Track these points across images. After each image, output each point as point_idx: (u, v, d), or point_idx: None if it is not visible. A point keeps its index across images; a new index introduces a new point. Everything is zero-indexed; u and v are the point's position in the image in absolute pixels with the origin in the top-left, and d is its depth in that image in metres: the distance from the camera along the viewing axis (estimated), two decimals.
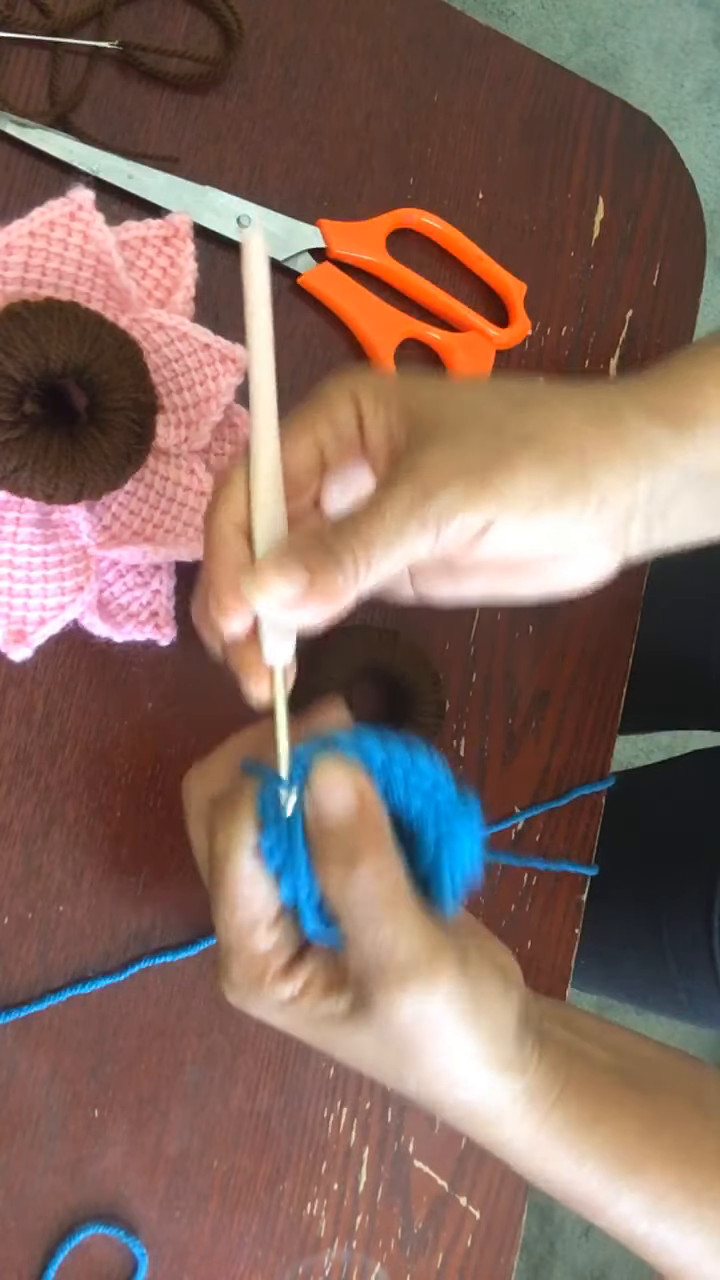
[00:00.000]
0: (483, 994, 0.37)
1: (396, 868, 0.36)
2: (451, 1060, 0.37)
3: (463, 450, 0.36)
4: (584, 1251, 1.52)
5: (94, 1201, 0.47)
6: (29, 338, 0.42)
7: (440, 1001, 0.35)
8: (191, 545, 0.45)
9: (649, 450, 0.39)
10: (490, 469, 0.36)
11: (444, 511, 0.35)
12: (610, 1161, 0.39)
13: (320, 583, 0.35)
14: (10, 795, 0.47)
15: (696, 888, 0.68)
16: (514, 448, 0.36)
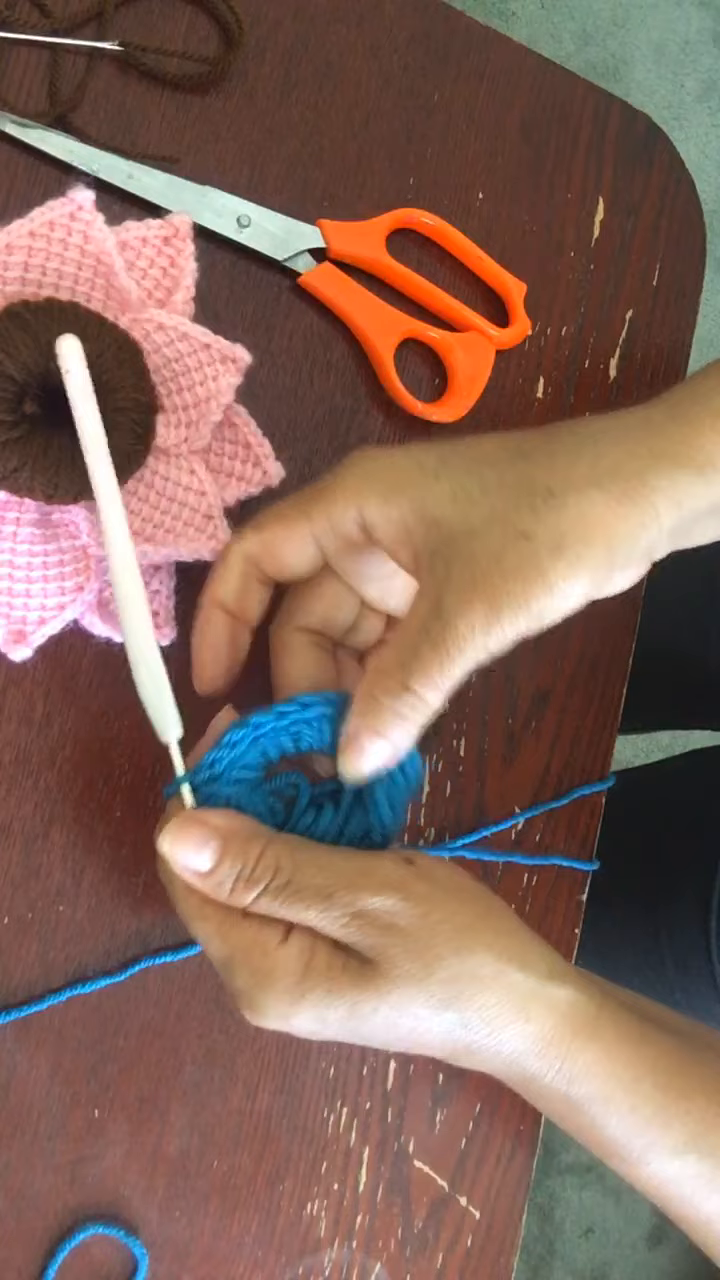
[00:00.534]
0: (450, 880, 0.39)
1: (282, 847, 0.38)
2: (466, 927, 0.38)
3: (495, 571, 0.36)
4: (584, 1251, 1.52)
5: (94, 1201, 0.47)
6: (29, 338, 0.42)
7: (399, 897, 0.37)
8: (192, 545, 0.45)
9: (675, 504, 0.39)
10: (530, 592, 0.36)
11: (494, 644, 0.37)
12: (661, 1089, 0.40)
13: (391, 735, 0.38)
14: (10, 795, 0.47)
15: (694, 888, 0.68)
16: (548, 561, 0.36)
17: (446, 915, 0.38)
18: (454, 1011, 0.38)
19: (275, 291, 0.52)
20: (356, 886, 0.37)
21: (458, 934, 0.37)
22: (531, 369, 0.57)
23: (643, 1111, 0.39)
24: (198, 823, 0.38)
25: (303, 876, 0.37)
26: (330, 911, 0.37)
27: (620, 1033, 0.39)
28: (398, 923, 0.37)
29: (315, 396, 0.53)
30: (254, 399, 0.49)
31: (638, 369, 0.59)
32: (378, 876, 0.37)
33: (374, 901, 0.37)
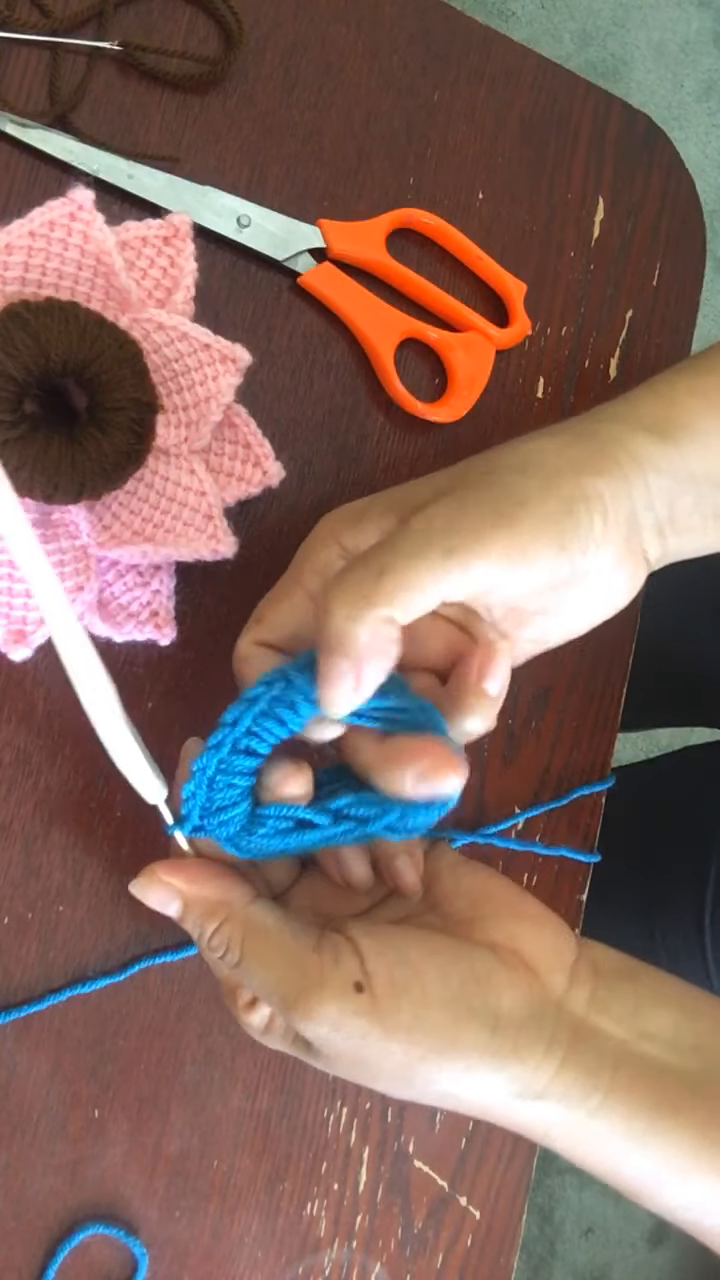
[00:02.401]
0: (400, 1016, 0.36)
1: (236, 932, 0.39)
2: (400, 1070, 0.37)
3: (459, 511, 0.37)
4: (584, 1252, 1.52)
5: (94, 1201, 0.47)
6: (29, 338, 0.42)
7: (328, 1028, 0.36)
8: (192, 545, 0.45)
9: (634, 459, 0.39)
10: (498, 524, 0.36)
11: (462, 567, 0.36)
12: (657, 1169, 0.38)
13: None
14: (10, 795, 0.47)
15: (688, 884, 0.68)
16: (510, 508, 0.37)
17: (380, 1053, 0.37)
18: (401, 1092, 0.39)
19: (275, 291, 0.52)
20: (288, 1002, 0.37)
21: (404, 1071, 0.37)
22: (531, 369, 0.57)
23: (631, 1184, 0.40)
24: (161, 883, 0.40)
25: (248, 968, 0.38)
26: (270, 1008, 0.39)
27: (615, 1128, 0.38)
28: (327, 1046, 0.37)
29: (315, 396, 0.53)
30: (254, 399, 0.49)
31: (638, 369, 0.59)
32: (312, 1001, 0.36)
33: (302, 1024, 0.37)
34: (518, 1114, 0.38)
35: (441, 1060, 0.36)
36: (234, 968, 0.38)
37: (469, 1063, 0.36)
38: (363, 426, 0.53)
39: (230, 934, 0.38)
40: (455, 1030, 0.36)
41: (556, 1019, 0.38)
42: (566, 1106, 0.37)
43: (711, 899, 0.67)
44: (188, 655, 0.49)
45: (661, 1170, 0.38)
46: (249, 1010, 0.40)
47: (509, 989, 0.38)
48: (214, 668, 0.50)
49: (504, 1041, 0.37)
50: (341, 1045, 0.37)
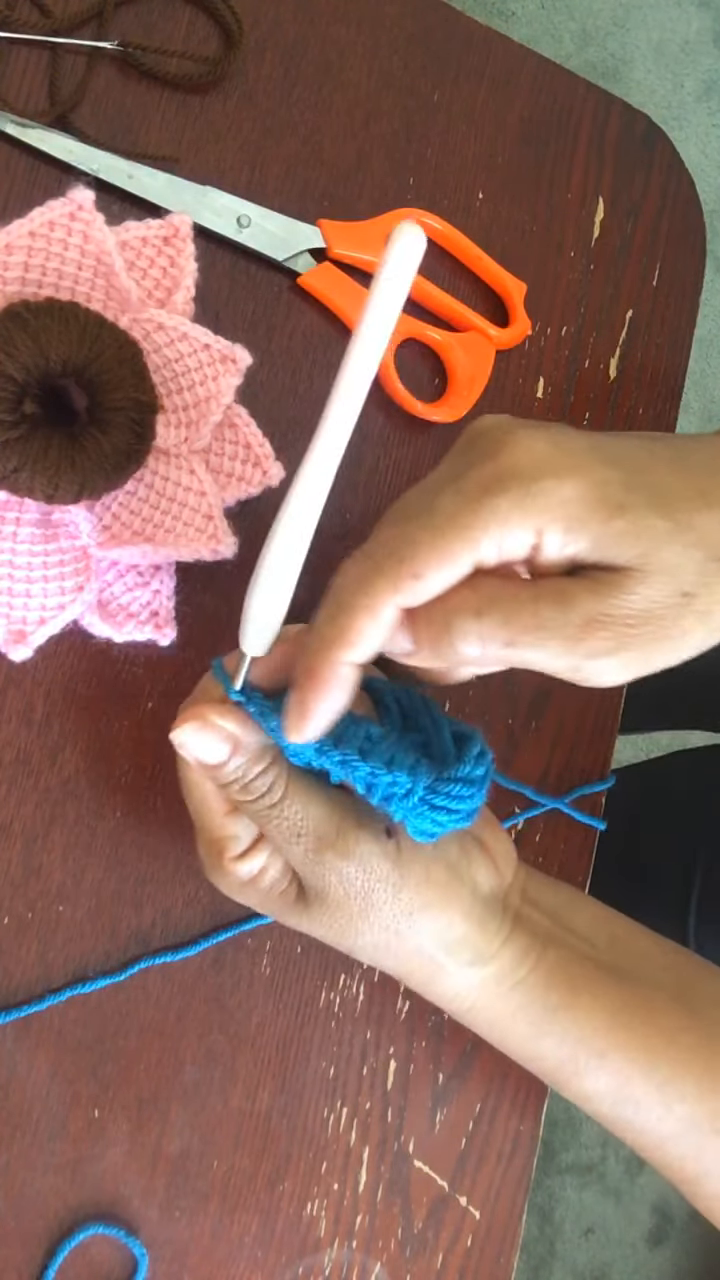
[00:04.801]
0: (415, 866, 0.40)
1: (281, 773, 0.39)
2: (391, 920, 0.40)
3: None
4: (584, 1252, 1.52)
5: (94, 1201, 0.47)
6: (29, 338, 0.42)
7: (357, 866, 0.39)
8: (192, 545, 0.45)
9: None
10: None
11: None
12: (572, 1045, 0.42)
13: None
14: (10, 795, 0.47)
15: (672, 887, 0.69)
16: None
17: (394, 896, 0.39)
18: (371, 961, 0.42)
19: (275, 291, 0.52)
20: (323, 844, 0.39)
21: (398, 915, 0.40)
22: (531, 369, 0.57)
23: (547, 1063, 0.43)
24: (216, 727, 0.39)
25: (288, 807, 0.39)
26: (295, 848, 0.39)
27: (535, 999, 0.42)
28: (346, 887, 0.39)
29: (315, 396, 0.53)
30: (254, 399, 0.49)
31: (638, 369, 0.59)
32: (349, 839, 0.39)
33: (334, 861, 0.39)
34: (459, 979, 0.42)
35: (434, 913, 0.40)
36: (269, 807, 0.39)
37: (451, 919, 0.40)
38: (363, 426, 0.53)
39: (276, 775, 0.39)
40: (450, 889, 0.41)
41: (504, 903, 0.43)
42: (500, 975, 0.42)
43: (696, 904, 0.68)
44: (188, 655, 0.49)
45: (577, 1047, 0.42)
46: (239, 860, 0.41)
47: (483, 869, 0.42)
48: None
49: (478, 909, 0.41)
50: (358, 886, 0.39)
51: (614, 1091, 0.42)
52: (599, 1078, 0.42)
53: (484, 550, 0.33)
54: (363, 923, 0.40)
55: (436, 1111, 0.53)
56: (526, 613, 0.33)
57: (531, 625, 0.33)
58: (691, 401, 1.67)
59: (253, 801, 0.39)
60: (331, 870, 0.39)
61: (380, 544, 0.35)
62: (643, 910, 0.69)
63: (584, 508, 0.33)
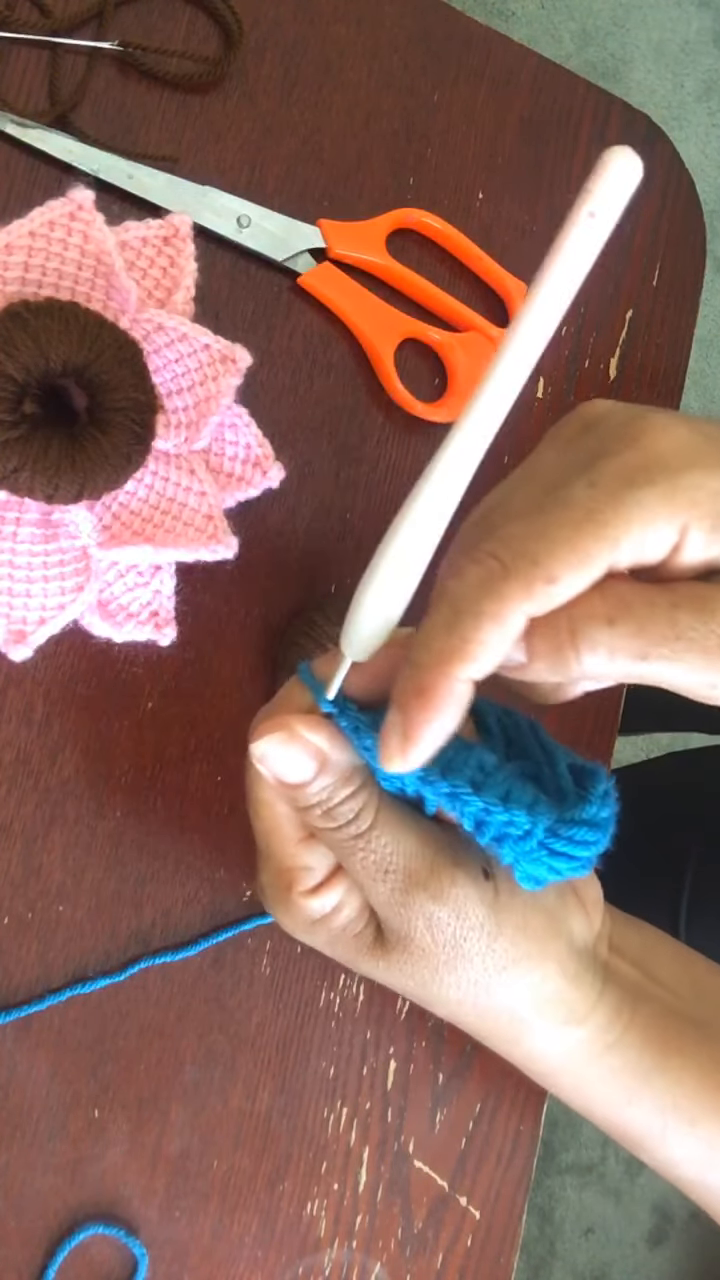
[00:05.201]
0: (512, 914, 0.35)
1: (371, 799, 0.35)
2: (482, 974, 0.36)
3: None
4: (584, 1252, 1.52)
5: (94, 1201, 0.47)
6: (29, 338, 0.42)
7: (450, 911, 0.34)
8: (192, 545, 0.45)
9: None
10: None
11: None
12: (663, 1111, 0.38)
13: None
14: (10, 795, 0.47)
15: (662, 888, 0.69)
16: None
17: (487, 949, 0.35)
18: (454, 1018, 0.38)
19: (275, 291, 0.52)
20: (417, 879, 0.35)
21: (488, 971, 0.36)
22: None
23: (636, 1128, 0.39)
24: (305, 741, 0.34)
25: (376, 839, 0.35)
26: (380, 886, 0.35)
27: (629, 1063, 0.38)
28: (435, 934, 0.35)
29: (315, 396, 0.53)
30: (254, 399, 0.49)
31: (638, 369, 0.59)
32: (442, 881, 0.35)
33: (425, 904, 0.35)
34: (548, 1041, 0.37)
35: (529, 966, 0.36)
36: (355, 837, 0.34)
37: (547, 974, 0.36)
38: (363, 426, 0.53)
39: (366, 800, 0.35)
40: (547, 942, 0.36)
41: (594, 955, 0.38)
42: (592, 1037, 0.37)
43: (686, 902, 0.68)
44: (188, 655, 0.49)
45: (667, 1113, 0.38)
46: (310, 895, 0.36)
47: (578, 918, 0.38)
48: (214, 668, 0.50)
49: (573, 964, 0.37)
50: (449, 934, 0.35)
51: (702, 1158, 0.39)
52: (687, 1144, 0.39)
53: (623, 551, 0.29)
54: (449, 975, 0.36)
55: (436, 1111, 0.53)
56: (663, 621, 0.29)
57: (670, 636, 0.29)
58: (692, 401, 1.67)
59: (336, 830, 0.35)
60: (420, 914, 0.35)
61: (504, 542, 0.29)
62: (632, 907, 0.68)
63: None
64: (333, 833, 0.35)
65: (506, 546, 0.29)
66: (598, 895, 0.40)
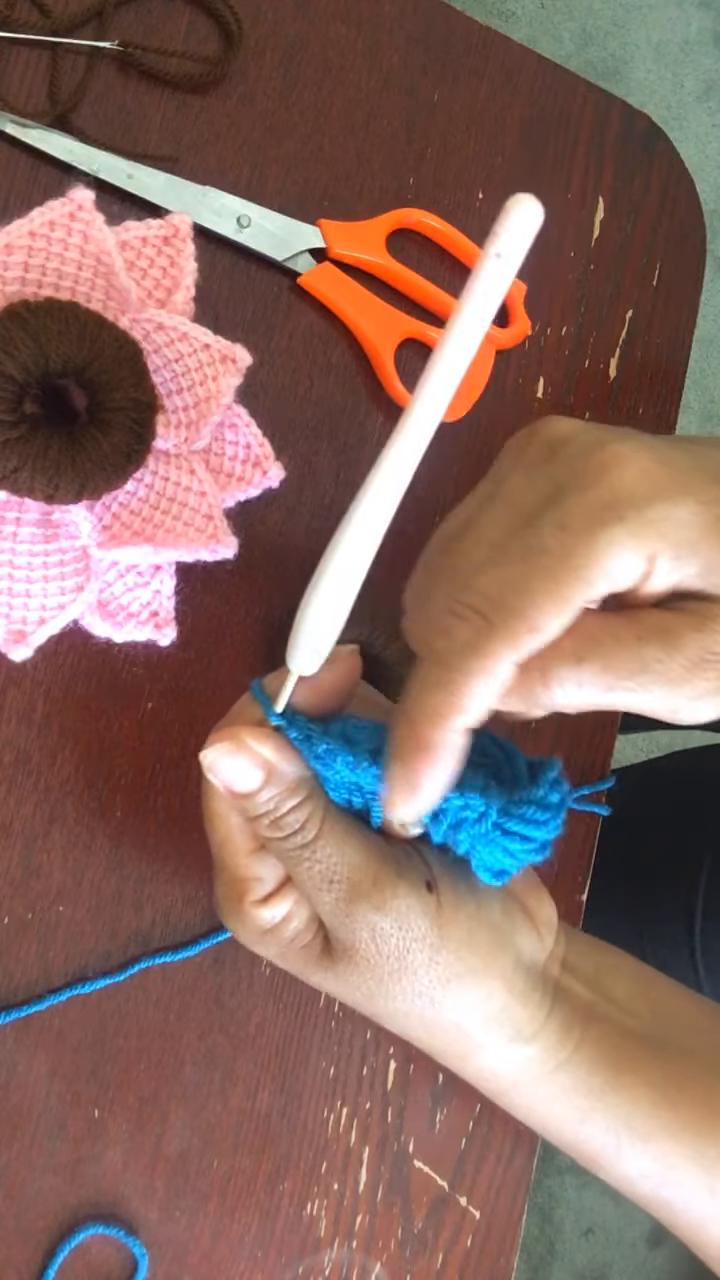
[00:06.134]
0: (456, 928, 0.36)
1: (317, 809, 0.36)
2: (426, 987, 0.36)
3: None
4: (584, 1252, 1.52)
5: (94, 1201, 0.47)
6: (29, 338, 0.42)
7: (393, 922, 0.35)
8: (192, 545, 0.45)
9: None
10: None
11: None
12: (616, 1129, 0.39)
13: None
14: (10, 795, 0.47)
15: (676, 889, 0.68)
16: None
17: (431, 961, 0.36)
18: (399, 1030, 0.38)
19: (275, 291, 0.52)
20: (361, 890, 0.35)
21: (434, 983, 0.36)
22: (531, 369, 0.57)
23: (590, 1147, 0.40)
24: (250, 751, 0.35)
25: (321, 849, 0.35)
26: (325, 896, 0.36)
27: (578, 1083, 0.38)
28: (379, 944, 0.36)
29: (315, 396, 0.53)
30: (254, 399, 0.49)
31: (638, 369, 0.59)
32: (385, 891, 0.35)
33: (368, 915, 0.35)
34: (496, 1058, 0.38)
35: (474, 981, 0.36)
36: (301, 847, 0.35)
37: (492, 990, 0.37)
38: (363, 426, 0.53)
39: (311, 811, 0.35)
40: (492, 956, 0.37)
41: (543, 974, 0.39)
42: (542, 1056, 0.38)
43: (702, 906, 0.68)
44: (188, 655, 0.49)
45: (621, 1131, 0.39)
46: (261, 905, 0.37)
47: (527, 936, 0.39)
48: (214, 668, 0.50)
49: (520, 980, 0.38)
50: (393, 945, 0.36)
51: (657, 1175, 0.39)
52: (641, 1161, 0.39)
53: (598, 588, 0.30)
54: (394, 986, 0.36)
55: (436, 1111, 0.53)
56: (629, 656, 0.30)
57: (636, 669, 0.30)
58: (691, 402, 1.67)
59: (283, 839, 0.36)
60: (364, 925, 0.35)
61: (486, 597, 0.31)
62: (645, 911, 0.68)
63: (697, 531, 0.30)
64: (280, 842, 0.36)
65: (488, 601, 0.31)
66: (551, 915, 0.40)
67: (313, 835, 0.35)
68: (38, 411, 0.43)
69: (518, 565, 0.30)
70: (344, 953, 0.36)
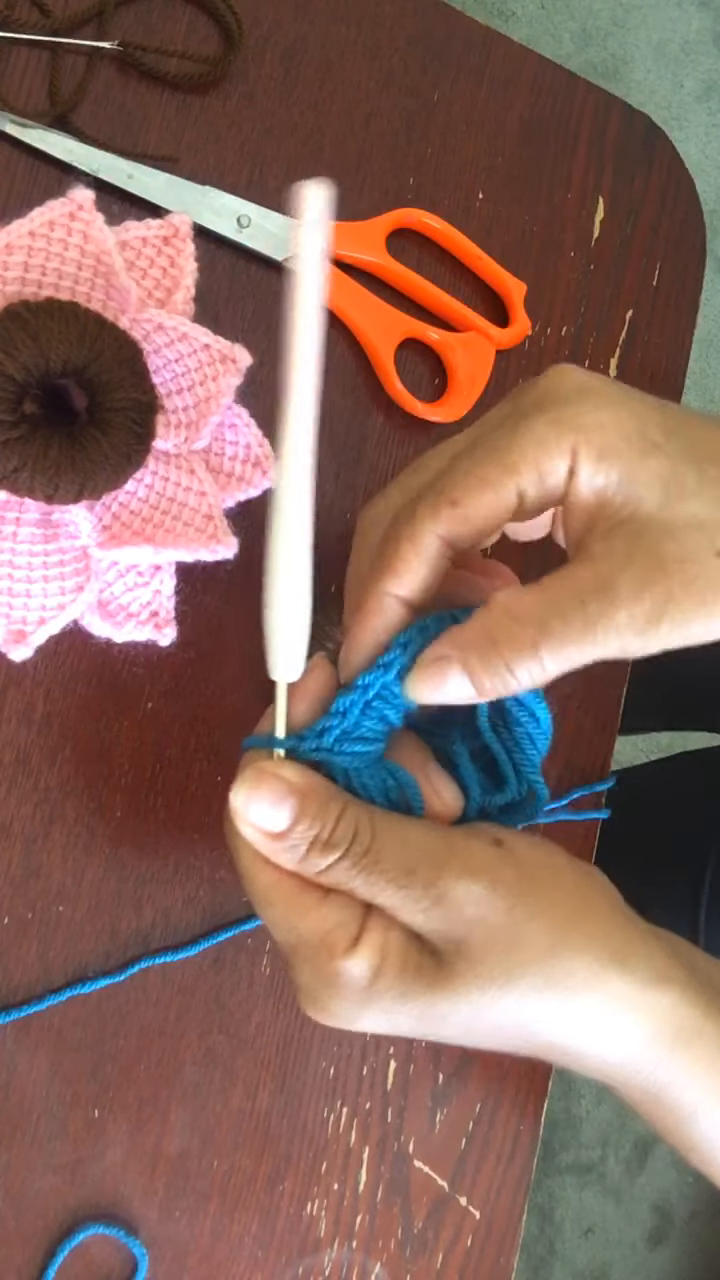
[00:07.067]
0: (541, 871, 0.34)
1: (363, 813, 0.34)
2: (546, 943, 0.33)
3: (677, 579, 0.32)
4: (584, 1252, 1.52)
5: (94, 1201, 0.47)
6: (29, 338, 0.42)
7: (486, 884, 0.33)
8: (192, 545, 0.45)
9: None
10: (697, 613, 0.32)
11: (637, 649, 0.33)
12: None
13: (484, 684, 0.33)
14: (10, 795, 0.47)
15: (682, 889, 0.68)
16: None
17: (537, 910, 0.33)
18: (542, 1020, 0.34)
19: (275, 291, 0.52)
20: (440, 866, 0.33)
21: (548, 932, 0.33)
22: (531, 369, 0.57)
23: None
24: (275, 777, 0.34)
25: (383, 847, 0.33)
26: (409, 891, 0.33)
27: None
28: (482, 914, 0.33)
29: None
30: (254, 399, 0.49)
31: (638, 369, 0.59)
32: (463, 858, 0.33)
33: (458, 887, 0.33)
34: (648, 1005, 0.34)
35: (586, 919, 0.34)
36: (364, 854, 0.33)
37: (608, 927, 0.34)
38: (363, 427, 0.53)
39: (358, 816, 0.34)
40: (587, 895, 0.35)
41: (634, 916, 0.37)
42: (688, 999, 0.35)
43: (706, 905, 0.68)
44: (188, 655, 0.49)
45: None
46: (354, 950, 0.33)
47: (602, 876, 0.37)
48: (214, 668, 0.50)
49: (624, 914, 0.36)
50: (499, 909, 0.33)
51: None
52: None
53: (525, 477, 0.33)
54: (516, 959, 0.33)
55: (436, 1111, 0.53)
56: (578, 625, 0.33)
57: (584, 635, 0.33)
58: (692, 402, 1.67)
59: (343, 857, 0.33)
60: (464, 901, 0.33)
61: (422, 482, 0.35)
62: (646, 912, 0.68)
63: (620, 437, 0.33)
64: (342, 864, 0.33)
65: (423, 485, 0.35)
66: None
67: (369, 837, 0.34)
68: (38, 411, 0.43)
69: (461, 460, 0.34)
70: (456, 950, 0.33)
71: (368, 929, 0.34)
